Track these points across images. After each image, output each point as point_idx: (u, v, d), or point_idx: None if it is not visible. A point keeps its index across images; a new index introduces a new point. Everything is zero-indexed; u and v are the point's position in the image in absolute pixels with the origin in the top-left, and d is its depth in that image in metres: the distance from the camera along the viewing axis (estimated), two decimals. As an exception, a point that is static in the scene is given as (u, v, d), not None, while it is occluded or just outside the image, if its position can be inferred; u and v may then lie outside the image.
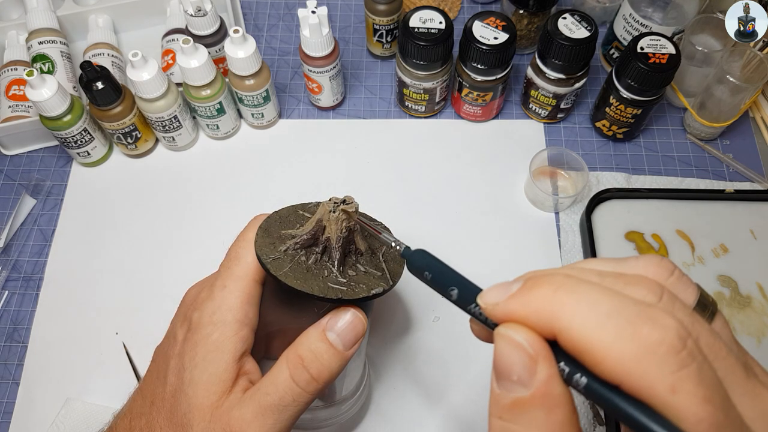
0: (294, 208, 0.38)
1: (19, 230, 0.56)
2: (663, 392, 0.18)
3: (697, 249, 0.53)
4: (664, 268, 0.23)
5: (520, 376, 0.20)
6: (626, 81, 0.53)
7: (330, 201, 0.34)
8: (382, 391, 0.49)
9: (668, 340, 0.18)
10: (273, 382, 0.31)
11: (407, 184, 0.58)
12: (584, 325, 0.19)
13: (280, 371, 0.31)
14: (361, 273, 0.35)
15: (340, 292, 0.33)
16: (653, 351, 0.18)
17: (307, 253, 0.35)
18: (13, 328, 0.52)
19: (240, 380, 0.31)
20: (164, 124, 0.55)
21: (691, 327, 0.19)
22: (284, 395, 0.30)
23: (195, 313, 0.33)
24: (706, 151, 0.60)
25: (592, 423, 0.47)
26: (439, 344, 0.50)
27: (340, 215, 0.34)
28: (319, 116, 0.63)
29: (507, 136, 0.61)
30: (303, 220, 0.37)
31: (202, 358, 0.31)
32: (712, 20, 0.57)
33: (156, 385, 0.32)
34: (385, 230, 0.40)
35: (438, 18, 0.53)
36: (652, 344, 0.18)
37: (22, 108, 0.57)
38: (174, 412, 0.31)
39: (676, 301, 0.21)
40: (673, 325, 0.18)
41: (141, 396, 0.33)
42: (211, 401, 0.30)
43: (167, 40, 0.61)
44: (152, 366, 0.34)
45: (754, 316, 0.50)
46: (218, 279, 0.33)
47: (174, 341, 0.33)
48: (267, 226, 0.35)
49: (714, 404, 0.18)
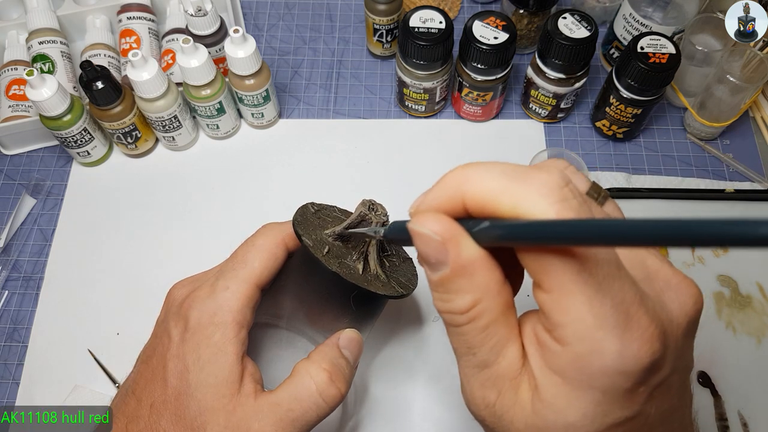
0: (313, 210, 0.39)
1: (19, 230, 0.56)
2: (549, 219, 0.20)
3: (697, 249, 0.53)
4: (559, 162, 0.26)
5: (437, 258, 0.22)
6: (626, 81, 0.53)
7: (365, 203, 0.37)
8: (381, 390, 0.49)
9: (552, 179, 0.21)
10: (297, 397, 0.31)
11: (407, 184, 0.58)
12: (482, 183, 0.22)
13: (306, 386, 0.31)
14: (383, 276, 0.37)
15: (373, 285, 0.35)
16: (540, 186, 0.20)
17: (343, 245, 0.36)
18: (13, 328, 0.52)
19: (245, 380, 0.31)
20: (164, 123, 0.55)
21: (581, 198, 0.22)
22: (308, 410, 0.31)
23: (192, 311, 0.32)
24: (706, 151, 0.60)
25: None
26: (438, 344, 0.50)
27: (378, 214, 0.36)
28: (319, 116, 0.63)
29: (507, 136, 0.61)
30: (330, 219, 0.38)
31: (207, 360, 0.31)
32: (712, 20, 0.57)
33: (153, 387, 0.32)
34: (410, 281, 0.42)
35: (438, 18, 0.53)
36: (539, 181, 0.21)
37: (22, 108, 0.57)
38: (181, 415, 0.30)
39: (570, 181, 0.23)
40: (556, 170, 0.21)
41: (135, 399, 0.32)
42: (223, 403, 0.30)
43: (167, 40, 0.61)
44: (143, 367, 0.33)
45: (754, 316, 0.50)
46: (221, 279, 0.33)
47: (168, 341, 0.32)
48: (302, 220, 0.36)
49: None
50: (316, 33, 0.68)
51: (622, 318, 0.20)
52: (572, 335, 0.21)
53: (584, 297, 0.20)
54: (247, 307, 0.33)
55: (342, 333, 0.34)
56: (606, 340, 0.20)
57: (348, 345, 0.34)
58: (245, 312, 0.33)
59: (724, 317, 0.50)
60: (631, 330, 0.20)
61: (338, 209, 0.41)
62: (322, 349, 0.33)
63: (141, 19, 0.61)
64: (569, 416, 0.21)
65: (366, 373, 0.49)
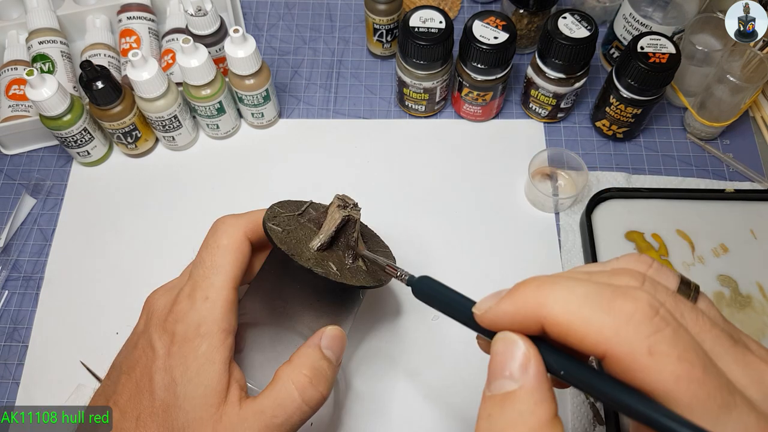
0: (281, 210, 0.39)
1: (19, 230, 0.56)
2: (641, 356, 0.19)
3: (697, 249, 0.53)
4: (643, 261, 0.25)
5: (512, 371, 0.21)
6: (626, 80, 0.53)
7: (340, 204, 0.37)
8: (380, 389, 0.49)
9: (641, 308, 0.20)
10: (281, 404, 0.31)
11: (407, 184, 0.58)
12: (565, 308, 0.21)
13: (288, 392, 0.32)
14: (362, 269, 0.38)
15: (356, 278, 0.35)
16: (628, 319, 0.20)
17: (327, 250, 0.37)
18: (13, 327, 0.52)
19: (232, 387, 0.32)
20: (164, 123, 0.55)
21: (674, 305, 0.21)
22: (292, 415, 0.32)
23: (178, 325, 0.32)
24: (706, 151, 0.60)
25: (591, 423, 0.47)
26: (438, 344, 0.50)
27: (357, 210, 0.37)
28: (319, 116, 0.63)
29: (507, 136, 0.61)
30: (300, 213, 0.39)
31: (195, 372, 0.31)
32: (712, 20, 0.57)
33: (139, 400, 0.32)
34: (387, 250, 0.43)
35: (438, 17, 0.53)
36: (626, 314, 0.20)
37: (22, 108, 0.57)
38: (169, 427, 0.31)
39: (657, 284, 0.22)
40: (644, 296, 0.20)
41: (119, 411, 0.32)
42: (210, 413, 0.31)
43: (167, 40, 0.61)
44: (125, 379, 0.33)
45: (754, 316, 0.50)
46: (197, 290, 0.33)
47: (153, 354, 0.32)
48: (276, 223, 0.37)
49: (690, 362, 0.19)
50: (316, 33, 0.68)
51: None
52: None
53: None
54: (230, 312, 0.33)
55: (324, 332, 0.34)
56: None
57: (330, 344, 0.34)
58: (229, 318, 0.33)
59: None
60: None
61: (296, 203, 0.41)
62: (304, 352, 0.34)
63: (141, 19, 0.61)
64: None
65: (347, 367, 0.49)
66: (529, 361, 0.21)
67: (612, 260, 0.26)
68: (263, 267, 0.39)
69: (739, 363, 0.21)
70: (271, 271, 0.38)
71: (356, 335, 0.50)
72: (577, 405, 0.47)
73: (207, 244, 0.36)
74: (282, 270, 0.38)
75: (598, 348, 0.20)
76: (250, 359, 0.37)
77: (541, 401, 0.21)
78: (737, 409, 0.19)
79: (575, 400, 0.48)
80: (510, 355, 0.22)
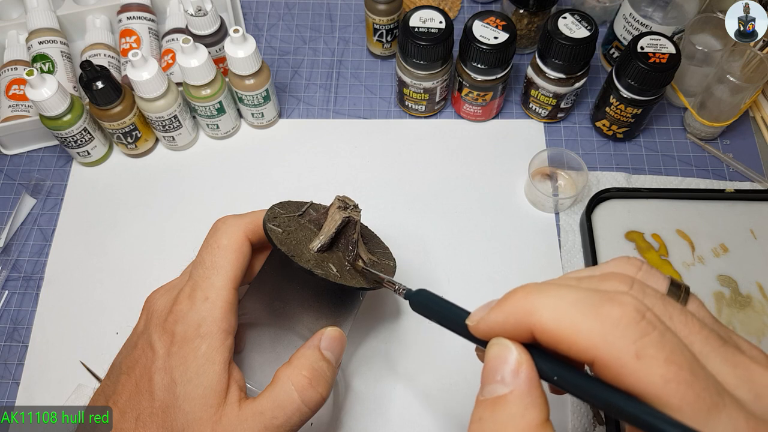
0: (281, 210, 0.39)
1: (19, 230, 0.56)
2: (629, 360, 0.20)
3: (697, 249, 0.53)
4: (633, 264, 0.25)
5: (503, 376, 0.22)
6: (626, 80, 0.53)
7: (341, 205, 0.37)
8: (380, 390, 0.49)
9: (627, 313, 0.20)
10: (280, 405, 0.32)
11: (407, 184, 0.58)
12: (553, 315, 0.21)
13: (287, 393, 0.32)
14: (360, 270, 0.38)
15: (356, 280, 0.36)
16: (615, 324, 0.20)
17: (327, 252, 0.37)
18: (13, 327, 0.52)
19: (231, 388, 0.32)
20: (164, 123, 0.55)
21: (662, 308, 0.21)
22: (292, 416, 0.32)
23: (178, 325, 0.32)
24: (706, 151, 0.60)
25: (592, 423, 0.47)
26: (437, 345, 0.50)
27: (358, 211, 0.37)
28: (319, 116, 0.63)
29: (507, 136, 0.61)
30: (301, 214, 0.39)
31: (195, 373, 0.31)
32: (712, 20, 0.57)
33: (139, 400, 0.32)
34: (387, 251, 0.44)
35: (438, 17, 0.53)
36: (613, 319, 0.20)
37: (22, 108, 0.57)
38: (169, 428, 0.31)
39: (646, 287, 0.22)
40: (630, 301, 0.20)
41: (118, 411, 0.32)
42: (209, 414, 0.31)
43: (167, 40, 0.61)
44: (125, 379, 0.33)
45: (754, 316, 0.50)
46: (197, 290, 0.33)
47: (153, 354, 0.32)
48: (277, 224, 0.37)
49: (678, 364, 0.19)
50: (316, 33, 0.68)
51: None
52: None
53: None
54: (230, 313, 0.33)
55: (324, 333, 0.34)
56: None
57: (330, 345, 0.34)
58: (229, 318, 0.33)
59: (724, 317, 0.50)
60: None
61: (296, 203, 0.41)
62: (304, 353, 0.34)
63: (141, 19, 0.61)
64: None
65: (347, 368, 0.49)
66: (521, 366, 0.22)
67: (602, 264, 0.26)
68: (263, 268, 0.39)
69: (728, 363, 0.21)
70: (271, 272, 0.38)
71: (356, 336, 0.50)
72: (577, 405, 0.47)
73: (207, 245, 0.36)
74: (282, 271, 0.38)
75: (587, 354, 0.20)
76: (249, 360, 0.37)
77: (531, 405, 0.21)
78: (726, 410, 0.19)
79: (575, 401, 0.48)
80: (502, 360, 0.22)
